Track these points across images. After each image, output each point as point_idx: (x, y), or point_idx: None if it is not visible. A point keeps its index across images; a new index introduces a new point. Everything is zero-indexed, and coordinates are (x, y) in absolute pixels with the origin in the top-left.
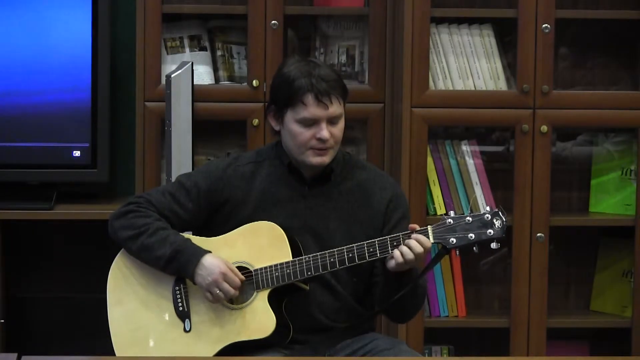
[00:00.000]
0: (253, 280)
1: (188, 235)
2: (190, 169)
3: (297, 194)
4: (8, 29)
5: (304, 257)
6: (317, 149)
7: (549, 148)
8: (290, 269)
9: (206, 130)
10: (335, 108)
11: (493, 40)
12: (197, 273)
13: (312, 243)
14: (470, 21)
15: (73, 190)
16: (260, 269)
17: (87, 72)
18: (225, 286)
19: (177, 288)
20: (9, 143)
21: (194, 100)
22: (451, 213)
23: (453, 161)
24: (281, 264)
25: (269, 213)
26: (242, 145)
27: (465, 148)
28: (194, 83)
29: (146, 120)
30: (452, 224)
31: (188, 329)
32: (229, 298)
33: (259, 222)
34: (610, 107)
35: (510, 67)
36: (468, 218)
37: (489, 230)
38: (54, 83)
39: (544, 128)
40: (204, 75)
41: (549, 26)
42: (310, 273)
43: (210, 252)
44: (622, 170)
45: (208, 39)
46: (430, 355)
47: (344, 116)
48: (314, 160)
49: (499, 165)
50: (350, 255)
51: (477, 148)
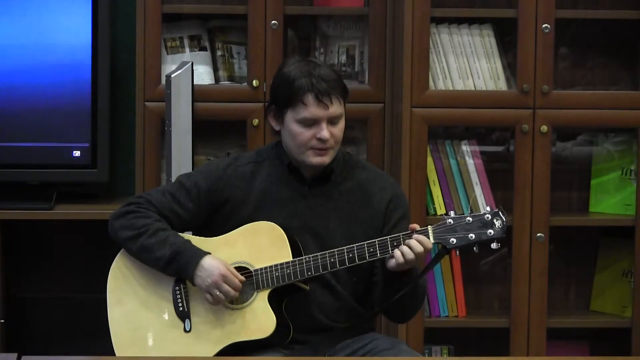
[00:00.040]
0: (253, 280)
1: (188, 235)
2: (190, 169)
3: (297, 194)
4: (8, 29)
5: (304, 257)
6: (318, 149)
7: (549, 148)
8: (290, 269)
9: (206, 130)
10: (336, 108)
11: (493, 40)
12: (197, 275)
13: (312, 243)
14: (470, 21)
15: (73, 190)
16: (261, 269)
17: (87, 72)
18: (225, 288)
19: (177, 288)
20: (9, 143)
21: (194, 100)
22: (451, 213)
23: (453, 161)
24: (281, 264)
25: (269, 213)
26: (242, 145)
27: (465, 148)
28: (194, 83)
29: (146, 120)
30: (453, 224)
31: (188, 329)
32: (229, 299)
33: (259, 222)
34: (610, 107)
35: (510, 67)
36: (468, 218)
37: (489, 230)
38: (54, 83)
39: (544, 128)
40: (204, 75)
41: (549, 26)
42: (310, 273)
43: (209, 254)
44: (622, 170)
45: (208, 39)
46: (430, 355)
47: (344, 116)
48: (314, 160)
49: (499, 165)
50: (351, 255)
51: (477, 148)
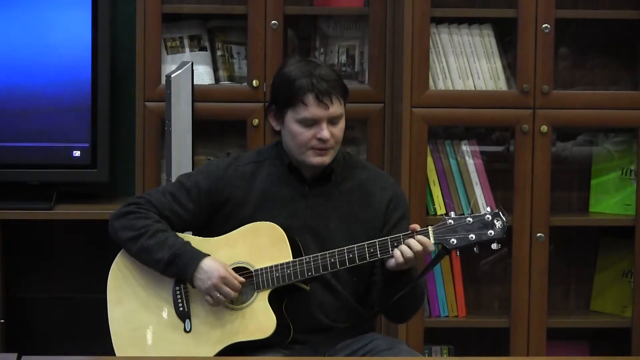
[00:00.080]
0: (253, 280)
1: (188, 236)
2: (190, 169)
3: (298, 193)
4: (8, 29)
5: (304, 258)
6: (318, 149)
7: (549, 148)
8: (290, 270)
9: (206, 130)
10: (336, 108)
11: (493, 40)
12: (196, 277)
13: (313, 243)
14: (470, 21)
15: (73, 190)
16: (261, 269)
17: (87, 72)
18: (225, 289)
19: (178, 288)
20: (9, 143)
21: (194, 100)
22: (452, 213)
23: (453, 161)
24: (281, 264)
25: (269, 213)
26: (242, 145)
27: (465, 148)
28: (194, 83)
29: (146, 120)
30: (453, 225)
31: (188, 330)
32: (228, 300)
33: (259, 222)
34: (610, 107)
35: (510, 67)
36: (469, 219)
37: (490, 230)
38: (54, 83)
39: (544, 128)
40: (204, 75)
41: (549, 26)
42: (310, 273)
43: (209, 256)
44: (622, 170)
45: (208, 39)
46: (430, 355)
47: (345, 116)
48: (314, 160)
49: (499, 165)
50: (351, 255)
51: (477, 148)
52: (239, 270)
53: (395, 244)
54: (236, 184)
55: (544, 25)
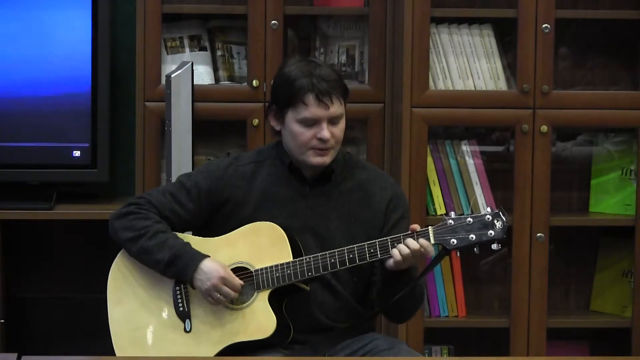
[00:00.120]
0: (253, 280)
1: (189, 236)
2: (190, 169)
3: (298, 193)
4: (8, 29)
5: (304, 258)
6: (318, 149)
7: (549, 148)
8: (290, 270)
9: (206, 130)
10: (336, 108)
11: (493, 40)
12: (196, 278)
13: (313, 243)
14: (470, 21)
15: (73, 190)
16: (261, 269)
17: (87, 72)
18: (225, 290)
19: (178, 288)
20: (9, 143)
21: (194, 100)
22: (452, 214)
23: (453, 161)
24: (282, 264)
25: (269, 213)
26: (242, 145)
27: (465, 148)
28: (194, 83)
29: (146, 120)
30: (453, 225)
31: (188, 330)
32: (228, 301)
33: (259, 222)
34: (610, 107)
35: (510, 67)
36: (469, 219)
37: (490, 231)
38: (54, 83)
39: (544, 128)
40: (204, 75)
41: (549, 26)
42: (310, 274)
43: (209, 257)
44: (622, 170)
45: (208, 39)
46: (430, 355)
47: (345, 116)
48: (314, 160)
49: (499, 165)
50: (351, 256)
51: (477, 148)
52: (238, 270)
53: (395, 244)
54: (236, 184)
55: (544, 25)
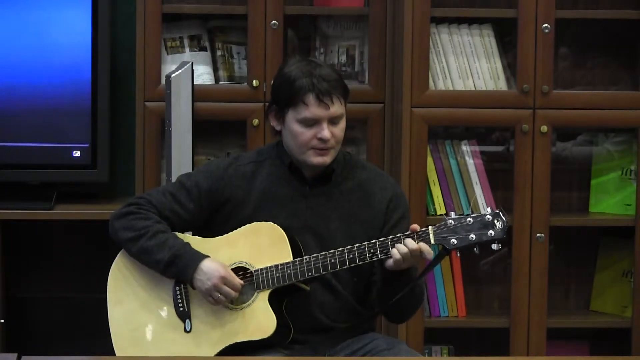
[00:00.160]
0: (253, 280)
1: (189, 236)
2: (190, 169)
3: (298, 193)
4: (8, 29)
5: (304, 258)
6: (319, 149)
7: (549, 148)
8: (290, 270)
9: (206, 130)
10: (337, 108)
11: (493, 40)
12: (196, 278)
13: (313, 243)
14: (470, 21)
15: (73, 190)
16: (261, 269)
17: (87, 72)
18: (226, 289)
19: (178, 288)
20: (9, 143)
21: (194, 100)
22: (452, 214)
23: (453, 161)
24: (282, 264)
25: (269, 213)
26: (242, 145)
27: (465, 148)
28: (194, 83)
29: (146, 120)
30: (453, 225)
31: (188, 330)
32: (229, 300)
33: (259, 222)
34: (610, 107)
35: (510, 67)
36: (469, 219)
37: (490, 231)
38: (54, 83)
39: (544, 128)
40: (204, 75)
41: (549, 26)
42: (310, 274)
43: (209, 257)
44: (622, 170)
45: (208, 39)
46: (430, 355)
47: (345, 116)
48: (315, 160)
49: (499, 165)
50: (351, 256)
51: (477, 148)
52: (239, 270)
53: (395, 244)
54: (236, 183)
55: (544, 25)
